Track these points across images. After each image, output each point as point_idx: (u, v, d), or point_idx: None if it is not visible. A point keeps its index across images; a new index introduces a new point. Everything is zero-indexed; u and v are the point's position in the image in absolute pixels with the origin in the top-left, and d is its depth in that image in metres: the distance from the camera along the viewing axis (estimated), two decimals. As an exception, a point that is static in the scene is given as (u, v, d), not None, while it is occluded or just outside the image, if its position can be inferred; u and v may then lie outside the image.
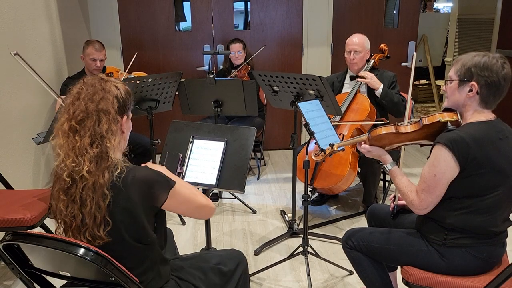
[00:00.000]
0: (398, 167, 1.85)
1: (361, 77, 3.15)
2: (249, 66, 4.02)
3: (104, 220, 1.30)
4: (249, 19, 4.71)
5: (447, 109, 1.74)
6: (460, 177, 1.62)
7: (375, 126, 2.93)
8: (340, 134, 3.09)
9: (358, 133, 3.16)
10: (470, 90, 1.64)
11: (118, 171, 1.32)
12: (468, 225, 1.66)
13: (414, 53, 2.08)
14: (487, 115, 1.67)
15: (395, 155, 3.32)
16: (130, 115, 1.49)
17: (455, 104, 1.72)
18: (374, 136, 1.83)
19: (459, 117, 1.70)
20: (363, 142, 1.89)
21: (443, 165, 1.60)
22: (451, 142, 1.58)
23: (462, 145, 1.57)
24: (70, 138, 1.34)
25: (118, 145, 1.38)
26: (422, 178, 1.68)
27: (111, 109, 1.37)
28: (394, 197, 2.03)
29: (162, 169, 1.50)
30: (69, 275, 1.35)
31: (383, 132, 1.80)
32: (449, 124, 1.68)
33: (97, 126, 1.34)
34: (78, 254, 1.22)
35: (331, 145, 1.96)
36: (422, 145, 1.87)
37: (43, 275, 1.43)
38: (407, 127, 1.77)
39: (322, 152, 1.96)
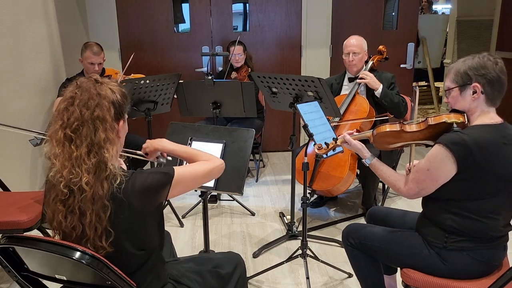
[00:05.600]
0: (409, 169, 1.84)
1: (361, 78, 3.14)
2: (249, 69, 4.01)
3: (106, 231, 1.28)
4: (247, 21, 4.70)
5: (454, 110, 1.73)
6: (459, 179, 1.61)
7: (375, 123, 2.93)
8: (339, 136, 3.07)
9: (358, 134, 3.15)
10: (474, 92, 1.64)
11: (117, 181, 1.28)
12: (468, 228, 1.65)
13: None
14: (493, 117, 1.66)
15: (395, 157, 3.33)
16: (126, 117, 1.44)
17: (462, 110, 1.71)
18: (379, 133, 1.83)
19: (466, 119, 1.69)
20: (347, 132, 1.96)
21: (439, 162, 1.61)
22: (452, 143, 1.58)
23: (463, 147, 1.56)
24: (65, 147, 1.28)
25: (116, 154, 1.34)
26: (415, 168, 1.72)
27: (107, 116, 1.31)
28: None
29: (163, 141, 1.59)
30: (65, 279, 1.33)
31: (388, 129, 1.81)
32: (454, 125, 1.68)
33: (93, 136, 1.28)
34: (74, 257, 1.20)
35: (335, 139, 1.98)
36: (427, 145, 1.86)
37: (39, 279, 1.41)
38: (412, 126, 1.77)
39: (326, 146, 1.96)
